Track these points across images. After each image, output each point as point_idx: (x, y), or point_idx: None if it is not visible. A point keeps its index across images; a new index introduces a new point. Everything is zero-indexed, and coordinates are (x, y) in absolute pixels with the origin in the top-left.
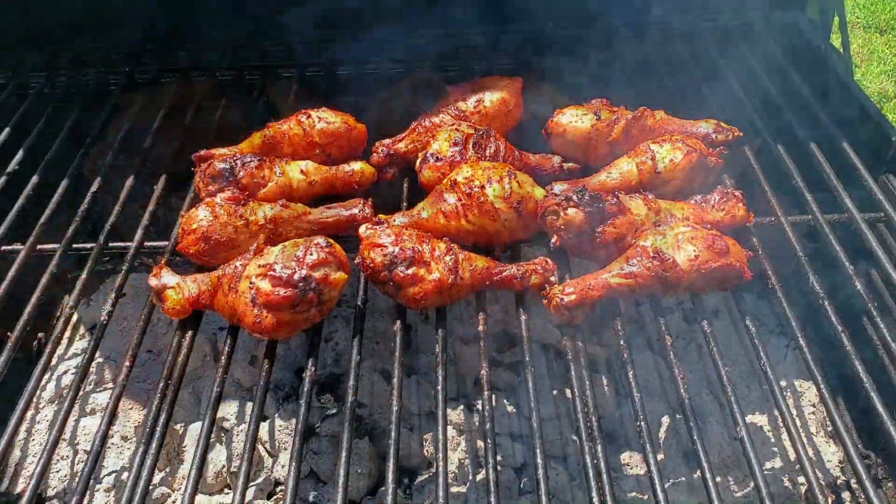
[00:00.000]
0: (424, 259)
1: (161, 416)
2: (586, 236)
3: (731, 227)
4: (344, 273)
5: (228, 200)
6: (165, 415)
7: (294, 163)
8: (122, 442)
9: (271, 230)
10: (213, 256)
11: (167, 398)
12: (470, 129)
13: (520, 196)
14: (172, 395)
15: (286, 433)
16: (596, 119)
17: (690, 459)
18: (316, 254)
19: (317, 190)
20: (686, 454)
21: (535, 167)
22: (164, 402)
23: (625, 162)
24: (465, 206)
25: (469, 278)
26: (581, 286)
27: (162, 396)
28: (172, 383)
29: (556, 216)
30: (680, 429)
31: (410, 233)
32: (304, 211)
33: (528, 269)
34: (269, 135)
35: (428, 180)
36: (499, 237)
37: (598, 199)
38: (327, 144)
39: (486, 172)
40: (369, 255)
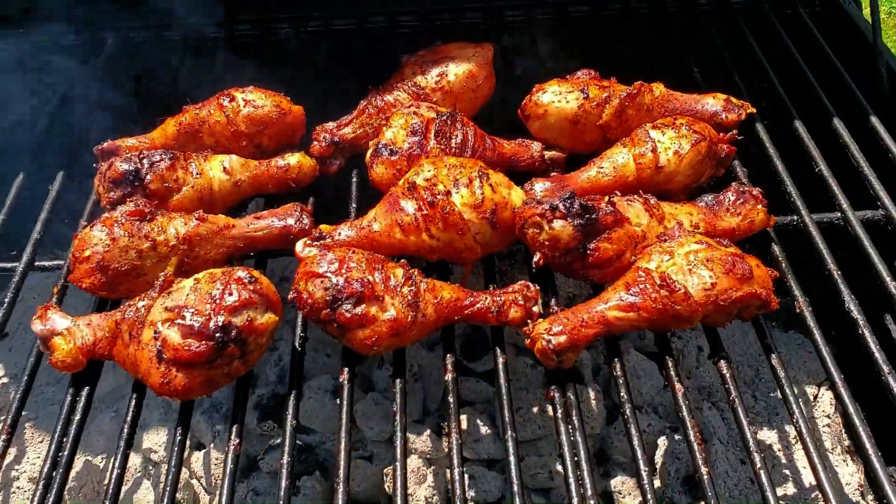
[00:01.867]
0: (376, 293)
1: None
2: (577, 253)
3: (748, 235)
4: (274, 315)
5: (130, 216)
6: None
7: (215, 158)
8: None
9: (185, 251)
10: (113, 289)
11: (54, 480)
12: (431, 113)
13: (493, 203)
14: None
15: None
16: (583, 98)
17: (693, 486)
18: (236, 293)
19: (244, 191)
20: (687, 480)
21: (510, 157)
22: (53, 485)
23: (619, 153)
24: (427, 217)
25: (433, 314)
26: (572, 323)
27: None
28: (63, 460)
29: (539, 230)
30: (680, 451)
31: (359, 256)
32: (226, 224)
33: (506, 301)
34: (186, 122)
35: (380, 178)
36: (469, 253)
37: (591, 208)
38: (256, 133)
39: (451, 173)
40: (306, 289)
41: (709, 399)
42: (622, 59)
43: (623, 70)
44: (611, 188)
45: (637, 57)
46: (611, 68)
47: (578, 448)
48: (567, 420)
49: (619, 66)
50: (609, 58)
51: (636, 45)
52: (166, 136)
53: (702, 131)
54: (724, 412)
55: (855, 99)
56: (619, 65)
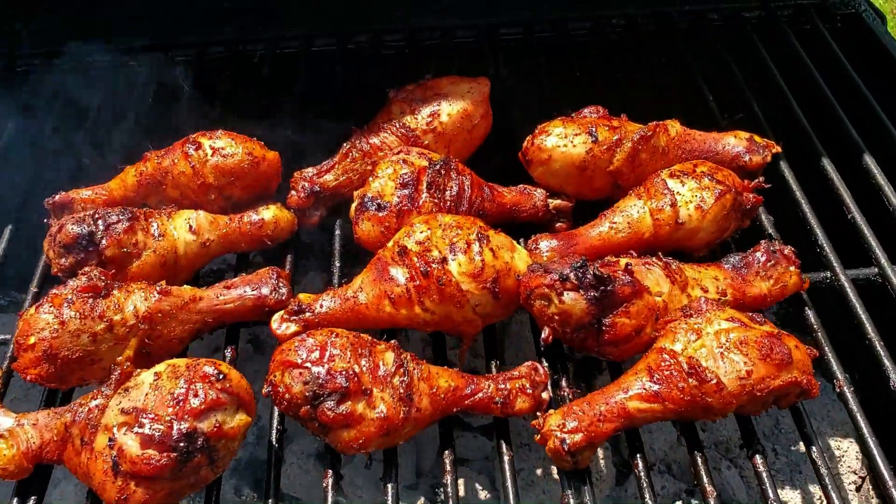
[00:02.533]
0: (363, 386)
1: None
2: (590, 329)
3: (779, 300)
4: (246, 415)
5: (82, 293)
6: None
7: (179, 216)
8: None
9: (146, 331)
10: (63, 380)
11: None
12: (422, 160)
13: (495, 270)
14: None
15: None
16: (592, 141)
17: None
18: (202, 394)
19: (214, 251)
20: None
21: (511, 208)
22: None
23: (634, 205)
24: (420, 288)
25: (428, 407)
26: (588, 418)
27: None
28: None
29: (548, 302)
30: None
31: (343, 341)
32: (192, 297)
33: (512, 389)
34: (147, 172)
35: (367, 236)
36: (468, 327)
37: (606, 278)
38: (226, 185)
39: (446, 235)
40: (283, 381)
41: (727, 456)
42: (627, 79)
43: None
44: (625, 246)
45: (643, 77)
46: (615, 90)
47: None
48: None
49: (622, 88)
50: (612, 79)
51: (641, 64)
52: (125, 187)
53: (726, 180)
54: (743, 471)
55: (886, 130)
56: (623, 86)
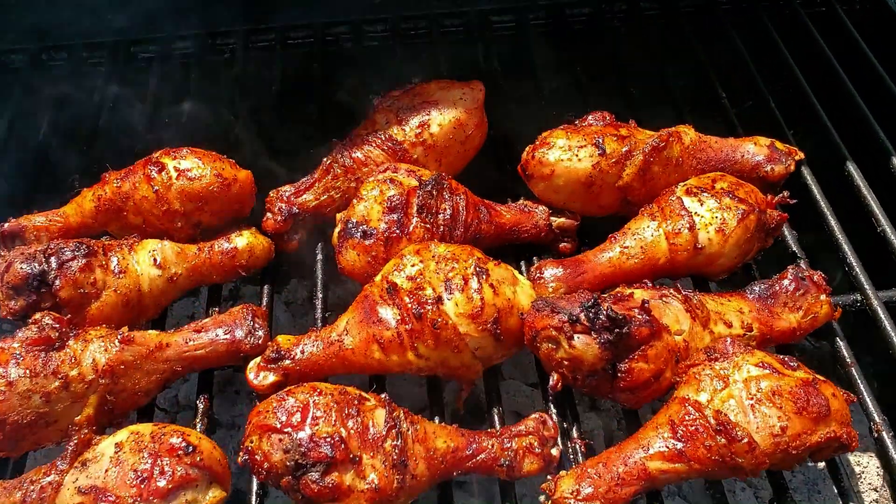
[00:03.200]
0: (351, 453)
1: None
2: (604, 375)
3: (809, 332)
4: (220, 489)
5: (32, 346)
6: None
7: (143, 247)
8: None
9: (108, 386)
10: (13, 447)
11: None
12: (411, 179)
13: (496, 310)
14: None
15: None
16: (599, 154)
17: None
18: (170, 471)
19: (182, 286)
20: None
21: (511, 228)
22: None
23: (647, 227)
24: (414, 332)
25: (425, 472)
26: (605, 482)
27: None
28: None
29: (556, 346)
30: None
31: (327, 400)
32: (157, 344)
33: (519, 449)
34: (106, 197)
35: (351, 266)
36: (467, 372)
37: (621, 320)
38: (194, 210)
39: (441, 269)
40: (261, 448)
41: None
42: (630, 70)
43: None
44: (637, 273)
45: (647, 68)
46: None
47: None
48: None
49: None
50: (615, 70)
51: (646, 52)
52: (83, 213)
53: (748, 198)
54: (757, 490)
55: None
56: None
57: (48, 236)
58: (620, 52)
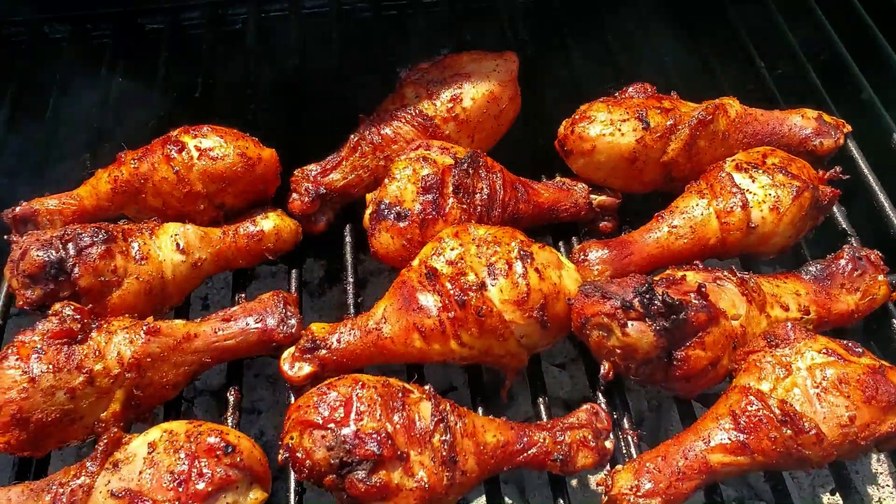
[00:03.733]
0: (399, 449)
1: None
2: (658, 364)
3: (866, 314)
4: (261, 490)
5: (54, 339)
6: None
7: (164, 231)
8: None
9: (134, 380)
10: (38, 446)
11: None
12: (446, 157)
13: (542, 295)
14: None
15: None
16: (643, 128)
17: None
18: (209, 472)
19: (206, 271)
20: None
21: (549, 208)
22: None
23: (696, 205)
24: (457, 320)
25: (475, 468)
26: (665, 478)
27: None
28: None
29: (608, 333)
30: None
31: (370, 393)
32: (185, 334)
33: (573, 442)
34: (123, 178)
35: (385, 251)
36: (512, 360)
37: (677, 306)
38: (217, 192)
39: (483, 252)
40: (302, 446)
41: None
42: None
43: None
44: (686, 254)
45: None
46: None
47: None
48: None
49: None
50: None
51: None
52: (98, 195)
53: (801, 174)
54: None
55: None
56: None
57: (62, 220)
58: (653, 22)
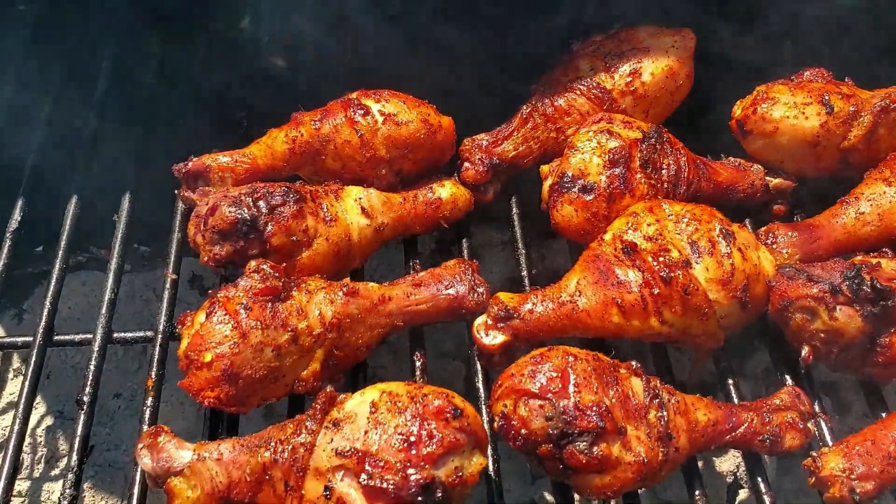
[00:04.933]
0: (617, 424)
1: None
2: (860, 350)
3: None
4: (482, 456)
5: (260, 296)
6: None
7: (349, 194)
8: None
9: (333, 341)
10: (243, 403)
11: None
12: (632, 131)
13: (745, 276)
14: None
15: None
16: (826, 112)
17: None
18: (439, 433)
19: (386, 236)
20: None
21: (727, 188)
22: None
23: (883, 192)
24: (661, 297)
25: (686, 445)
26: (878, 462)
27: None
28: None
29: (812, 317)
30: None
31: (584, 366)
32: (380, 297)
33: (781, 423)
34: (302, 139)
35: (568, 223)
36: (708, 341)
37: (886, 292)
38: (399, 158)
39: (682, 230)
40: (517, 414)
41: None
42: None
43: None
44: (873, 241)
45: None
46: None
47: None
48: None
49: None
50: None
51: None
52: (273, 154)
53: None
54: None
55: None
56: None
57: (233, 178)
58: None
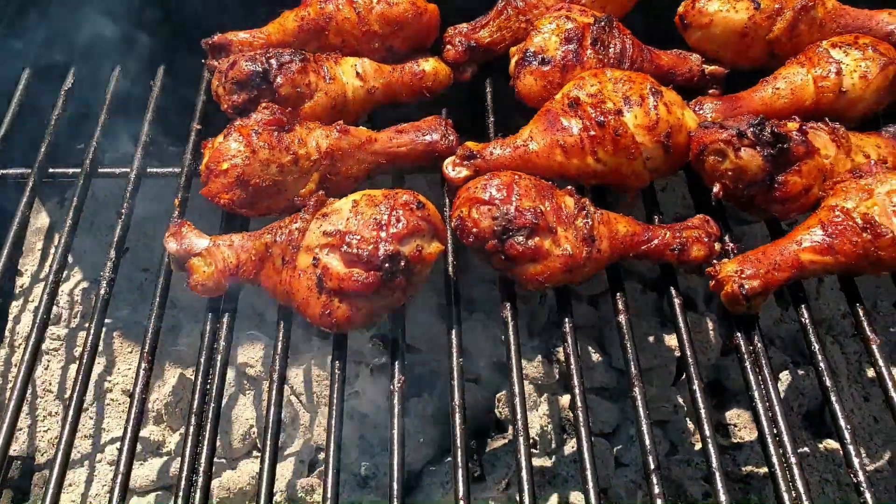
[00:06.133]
0: (549, 224)
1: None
2: (762, 186)
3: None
4: (440, 243)
5: (268, 125)
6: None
7: (346, 61)
8: (122, 397)
9: (328, 167)
10: (252, 206)
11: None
12: (585, 17)
13: (668, 125)
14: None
15: (325, 383)
16: (754, 7)
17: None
18: (404, 219)
19: (377, 99)
20: (808, 416)
21: (668, 71)
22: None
23: (796, 73)
24: (595, 139)
25: (607, 249)
26: (764, 266)
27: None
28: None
29: (722, 158)
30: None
31: (527, 182)
32: (368, 137)
33: (689, 237)
34: (309, 17)
35: (528, 90)
36: (636, 180)
37: (783, 136)
38: (390, 34)
39: (619, 88)
40: (471, 216)
41: (829, 333)
42: None
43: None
44: (786, 112)
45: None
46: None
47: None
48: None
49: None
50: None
51: None
52: (285, 31)
53: (888, 53)
54: (844, 347)
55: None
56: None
57: (251, 51)
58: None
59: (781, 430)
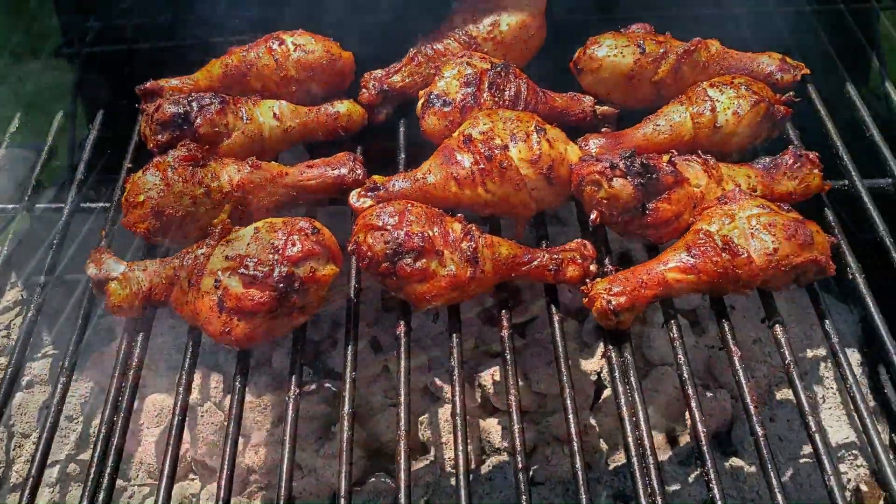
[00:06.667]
0: (436, 247)
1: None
2: (635, 213)
3: (803, 199)
4: (334, 266)
5: (183, 161)
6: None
7: (264, 103)
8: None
9: (238, 199)
10: (165, 234)
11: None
12: (484, 63)
13: (551, 159)
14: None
15: (258, 410)
16: (640, 53)
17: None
18: (299, 244)
19: (293, 138)
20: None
21: (562, 111)
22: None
23: (676, 111)
24: (484, 171)
25: (491, 270)
26: (631, 284)
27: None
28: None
29: (598, 188)
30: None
31: (419, 210)
32: (279, 171)
33: (564, 259)
34: (233, 64)
35: (432, 129)
36: (523, 210)
37: (651, 167)
38: (306, 79)
39: (507, 126)
40: (366, 241)
41: None
42: None
43: None
44: (666, 146)
45: None
46: None
47: (637, 409)
48: (624, 380)
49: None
50: None
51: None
52: (211, 78)
53: (760, 92)
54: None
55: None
56: None
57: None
58: None
59: (643, 433)
